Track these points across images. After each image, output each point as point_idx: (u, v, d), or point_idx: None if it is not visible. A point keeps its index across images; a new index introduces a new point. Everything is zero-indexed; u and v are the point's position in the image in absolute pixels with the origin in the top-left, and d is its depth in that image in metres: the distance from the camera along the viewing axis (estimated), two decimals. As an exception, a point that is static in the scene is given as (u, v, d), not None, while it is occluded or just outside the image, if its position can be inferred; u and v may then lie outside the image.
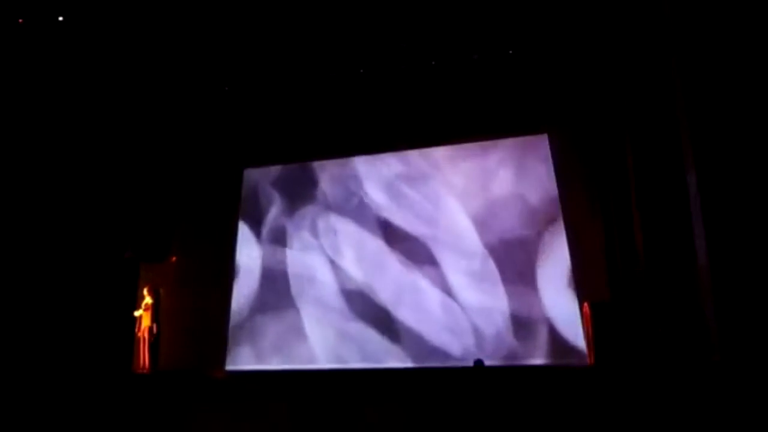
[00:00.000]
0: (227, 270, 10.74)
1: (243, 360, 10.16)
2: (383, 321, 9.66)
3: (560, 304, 8.92)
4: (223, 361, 10.20)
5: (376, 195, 10.36)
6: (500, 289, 9.26)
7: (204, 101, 10.80)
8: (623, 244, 8.04)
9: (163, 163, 11.18)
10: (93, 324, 9.32)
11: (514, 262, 9.30)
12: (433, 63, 9.75)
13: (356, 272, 10.07)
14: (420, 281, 9.69)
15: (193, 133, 11.19)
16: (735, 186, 4.55)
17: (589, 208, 9.10)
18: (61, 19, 8.20)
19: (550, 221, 9.32)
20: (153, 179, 10.97)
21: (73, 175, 9.49)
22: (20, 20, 8.10)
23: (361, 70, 9.99)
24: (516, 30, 9.05)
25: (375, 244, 10.11)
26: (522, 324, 9.02)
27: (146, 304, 9.91)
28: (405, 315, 9.60)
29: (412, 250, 9.85)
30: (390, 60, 9.73)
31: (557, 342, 8.80)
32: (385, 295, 9.79)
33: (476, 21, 8.81)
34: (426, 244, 9.81)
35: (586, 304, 8.37)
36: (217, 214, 11.03)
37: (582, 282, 8.95)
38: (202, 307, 10.47)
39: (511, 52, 9.47)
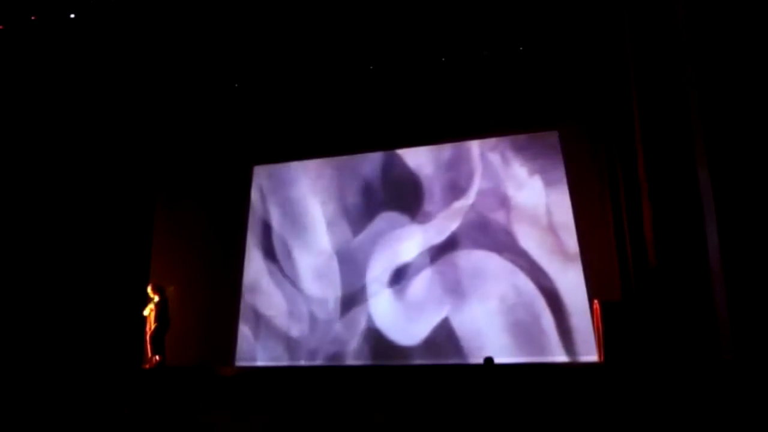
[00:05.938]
0: (237, 264, 10.81)
1: (253, 355, 10.23)
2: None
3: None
4: (233, 357, 10.26)
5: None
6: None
7: (213, 98, 10.83)
8: (634, 242, 7.98)
9: (173, 158, 11.26)
10: (101, 320, 9.39)
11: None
12: (443, 59, 9.73)
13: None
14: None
15: (202, 129, 11.24)
16: (748, 182, 4.49)
17: (600, 205, 9.05)
18: (72, 16, 8.37)
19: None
20: (161, 175, 11.04)
21: (81, 172, 9.58)
22: (33, 17, 8.32)
23: (371, 67, 9.98)
24: (527, 26, 9.00)
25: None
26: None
27: (151, 300, 9.94)
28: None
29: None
30: (400, 57, 9.72)
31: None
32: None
33: (486, 17, 8.79)
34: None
35: (596, 302, 8.33)
36: (226, 209, 11.09)
37: (592, 280, 8.91)
38: (212, 302, 10.53)
39: (521, 48, 9.43)
